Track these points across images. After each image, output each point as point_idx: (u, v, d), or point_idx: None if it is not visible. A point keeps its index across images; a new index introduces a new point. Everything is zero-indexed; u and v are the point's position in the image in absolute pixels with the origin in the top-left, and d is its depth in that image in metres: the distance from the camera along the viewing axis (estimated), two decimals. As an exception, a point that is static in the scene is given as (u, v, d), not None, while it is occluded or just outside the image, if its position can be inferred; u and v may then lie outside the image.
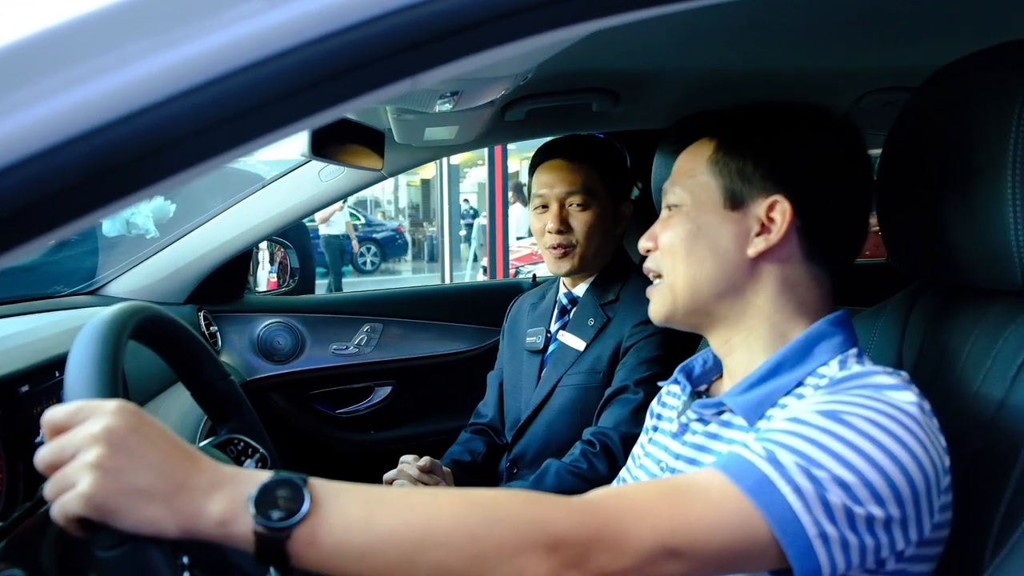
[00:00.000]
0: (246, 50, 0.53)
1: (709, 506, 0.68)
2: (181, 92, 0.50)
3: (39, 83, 0.50)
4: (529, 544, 0.63)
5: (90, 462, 0.60)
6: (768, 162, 0.88)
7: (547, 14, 0.59)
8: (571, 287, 1.70)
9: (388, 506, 0.64)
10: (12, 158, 0.48)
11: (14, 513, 0.96)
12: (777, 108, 0.93)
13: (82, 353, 0.71)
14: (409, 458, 1.48)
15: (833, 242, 0.90)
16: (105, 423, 0.61)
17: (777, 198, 0.87)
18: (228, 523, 0.61)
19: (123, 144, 0.49)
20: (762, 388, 0.85)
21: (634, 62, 1.62)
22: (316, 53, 0.54)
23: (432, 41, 0.56)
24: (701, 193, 0.91)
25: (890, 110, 2.01)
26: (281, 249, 2.46)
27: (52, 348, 1.12)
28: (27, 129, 0.49)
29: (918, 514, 0.71)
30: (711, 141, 0.92)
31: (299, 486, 0.62)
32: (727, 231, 0.89)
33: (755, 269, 0.88)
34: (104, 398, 0.67)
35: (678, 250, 0.90)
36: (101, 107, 0.49)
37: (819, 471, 0.68)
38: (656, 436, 1.03)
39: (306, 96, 0.54)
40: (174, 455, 0.63)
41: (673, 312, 0.93)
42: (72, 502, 0.60)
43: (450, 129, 1.66)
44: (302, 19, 0.54)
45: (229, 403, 1.01)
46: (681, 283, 0.90)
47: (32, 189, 0.48)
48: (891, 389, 0.75)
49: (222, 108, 0.50)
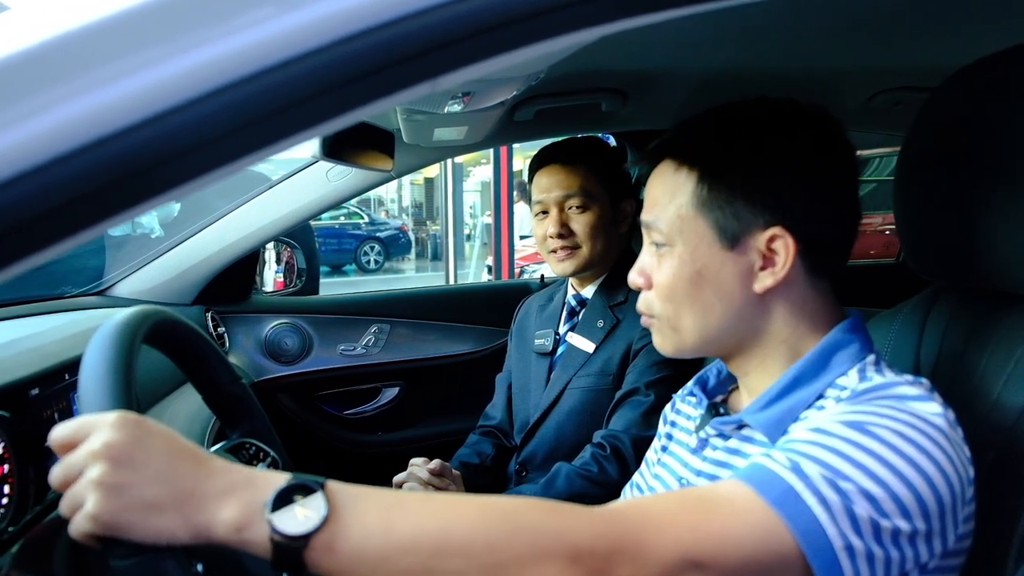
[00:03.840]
0: (264, 54, 0.52)
1: (733, 517, 0.67)
2: (201, 95, 0.49)
3: (54, 88, 0.49)
4: (549, 554, 0.62)
5: (93, 480, 0.59)
6: (759, 194, 0.82)
7: (574, 13, 0.58)
8: (579, 289, 1.70)
9: (407, 513, 0.63)
10: (32, 162, 0.47)
11: (25, 518, 0.95)
12: (751, 121, 0.85)
13: (95, 362, 0.70)
14: (419, 461, 1.48)
15: (834, 253, 0.86)
16: (104, 439, 0.61)
17: (776, 231, 0.81)
18: (243, 529, 0.60)
19: (145, 148, 0.48)
20: (782, 404, 0.83)
21: (644, 62, 1.61)
22: (339, 55, 0.53)
23: (455, 43, 0.56)
24: (692, 234, 0.84)
25: (901, 109, 2.00)
26: (288, 249, 2.46)
27: (63, 352, 1.12)
28: (44, 134, 0.48)
29: (943, 526, 0.70)
30: (691, 172, 0.84)
31: (316, 491, 0.61)
32: (729, 271, 0.83)
33: (763, 302, 0.84)
34: (118, 408, 0.66)
35: (680, 298, 0.85)
36: (122, 110, 0.48)
37: (845, 483, 0.67)
38: (672, 446, 1.02)
39: (328, 99, 0.53)
40: (180, 462, 0.62)
41: (681, 350, 0.89)
42: (82, 522, 0.60)
43: (459, 129, 1.65)
44: (322, 21, 0.53)
45: (240, 407, 1.01)
46: (688, 326, 0.86)
47: (53, 194, 0.47)
48: (915, 400, 0.74)
49: (241, 112, 0.50)
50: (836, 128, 0.85)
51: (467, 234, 13.02)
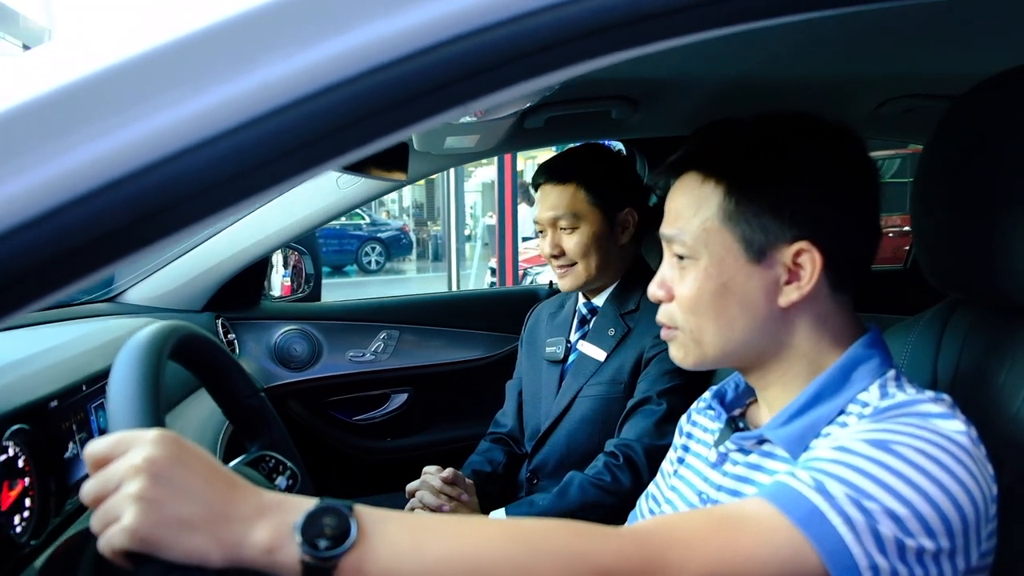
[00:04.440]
0: (296, 85, 0.53)
1: (759, 537, 0.67)
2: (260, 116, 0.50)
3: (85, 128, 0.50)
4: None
5: (133, 494, 0.59)
6: (788, 209, 0.82)
7: (596, 42, 0.59)
8: (590, 297, 1.70)
9: (435, 535, 0.64)
10: (73, 193, 0.48)
11: (46, 530, 0.96)
12: (777, 136, 0.85)
13: (124, 380, 0.70)
14: (432, 469, 1.48)
15: (857, 269, 0.87)
16: (146, 454, 0.61)
17: (803, 245, 0.82)
18: (274, 551, 0.61)
19: (196, 173, 0.49)
20: (803, 419, 0.83)
21: (654, 70, 1.61)
22: (380, 81, 0.54)
23: (491, 69, 0.56)
24: (718, 247, 0.84)
25: (910, 117, 2.00)
26: (295, 254, 2.45)
27: (82, 366, 1.12)
28: (85, 166, 0.48)
29: (967, 544, 0.70)
30: (717, 185, 0.84)
31: (345, 515, 0.62)
32: (754, 285, 0.84)
33: (787, 315, 0.85)
34: (147, 426, 0.67)
35: (704, 311, 0.85)
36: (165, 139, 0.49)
37: (870, 503, 0.68)
38: (689, 459, 1.02)
39: (366, 125, 0.54)
40: (216, 483, 0.62)
41: (701, 364, 0.89)
42: (117, 536, 0.59)
43: (471, 138, 1.66)
44: (360, 49, 0.54)
45: (260, 420, 1.01)
46: (711, 340, 0.86)
47: (93, 225, 0.48)
48: (939, 418, 0.74)
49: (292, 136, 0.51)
50: (859, 143, 0.86)
51: (467, 235, 13.03)
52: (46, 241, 0.47)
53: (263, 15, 0.54)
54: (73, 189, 0.49)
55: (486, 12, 0.56)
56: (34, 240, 0.48)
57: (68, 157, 0.49)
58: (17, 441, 0.92)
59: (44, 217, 0.47)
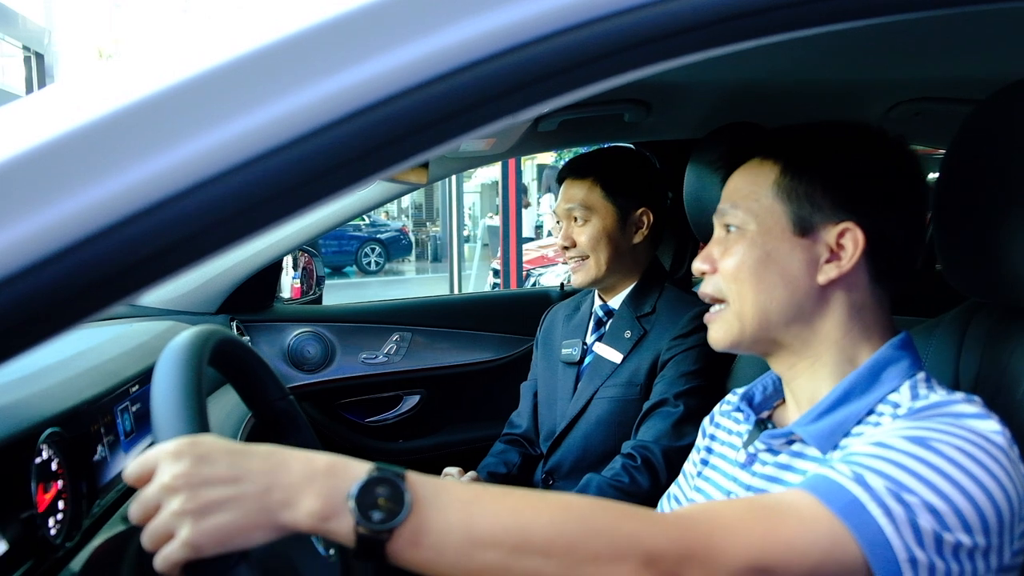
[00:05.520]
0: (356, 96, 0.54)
1: (800, 526, 0.68)
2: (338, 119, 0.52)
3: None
4: (624, 557, 0.64)
5: (176, 512, 0.61)
6: (838, 188, 0.87)
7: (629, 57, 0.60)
8: (607, 299, 1.71)
9: (487, 509, 0.64)
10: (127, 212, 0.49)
11: (79, 532, 0.96)
12: (835, 128, 0.92)
13: (168, 388, 0.71)
14: (453, 471, 1.49)
15: (900, 264, 0.90)
16: (172, 471, 0.62)
17: (848, 225, 0.86)
18: (328, 519, 0.62)
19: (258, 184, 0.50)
20: (833, 416, 0.85)
21: (667, 74, 1.60)
22: (420, 99, 0.55)
23: (534, 82, 0.57)
24: (768, 218, 0.89)
25: (920, 120, 2.01)
26: (305, 255, 2.46)
27: (110, 372, 1.13)
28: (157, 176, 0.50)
29: (1001, 542, 0.71)
30: (775, 164, 0.90)
31: (400, 485, 0.62)
32: (797, 258, 0.87)
33: (824, 296, 0.88)
34: (194, 433, 0.68)
35: (745, 278, 0.89)
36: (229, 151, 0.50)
37: (910, 496, 0.69)
38: (714, 460, 1.03)
39: (416, 137, 0.55)
40: (247, 460, 0.63)
41: (739, 341, 0.92)
42: (177, 552, 0.61)
43: (486, 141, 1.66)
44: (406, 67, 0.55)
45: (289, 422, 1.02)
46: (749, 311, 0.89)
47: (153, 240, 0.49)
48: (974, 418, 0.76)
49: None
50: (909, 150, 0.91)
51: (466, 236, 13.04)
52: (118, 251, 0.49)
53: (312, 36, 0.54)
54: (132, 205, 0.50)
55: (534, 27, 0.57)
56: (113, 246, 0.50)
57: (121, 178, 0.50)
58: (51, 444, 0.93)
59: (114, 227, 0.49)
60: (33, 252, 0.47)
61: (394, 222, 18.01)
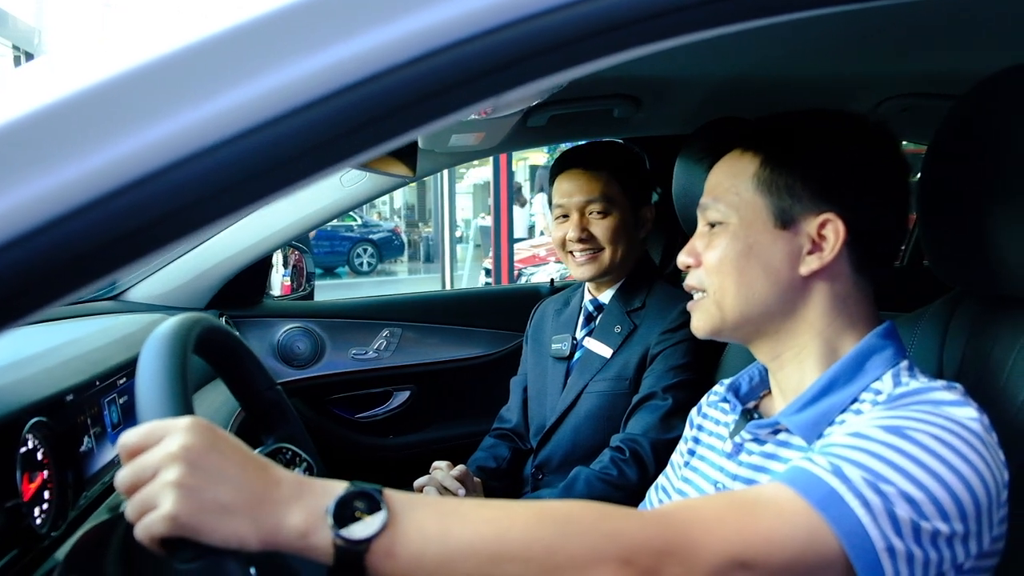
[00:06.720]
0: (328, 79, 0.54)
1: (779, 519, 0.69)
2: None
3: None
4: (602, 557, 0.64)
5: (171, 481, 0.60)
6: (818, 179, 0.87)
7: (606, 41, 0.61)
8: (596, 294, 1.71)
9: (463, 519, 0.65)
10: (122, 181, 0.49)
11: (65, 522, 0.96)
12: (815, 117, 0.91)
13: (152, 371, 0.71)
14: (442, 464, 1.48)
15: (881, 252, 0.90)
16: (182, 442, 0.61)
17: (829, 216, 0.86)
18: (308, 535, 0.62)
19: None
20: (817, 406, 0.85)
21: (656, 68, 1.63)
22: (396, 81, 0.55)
23: (503, 68, 0.58)
24: (748, 211, 0.89)
25: (908, 116, 2.02)
26: (295, 252, 2.45)
27: (96, 363, 1.13)
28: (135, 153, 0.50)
29: (979, 528, 0.72)
30: (755, 156, 0.90)
31: (376, 499, 0.63)
32: (778, 250, 0.88)
33: (807, 287, 0.88)
34: (176, 416, 0.67)
35: (728, 271, 0.89)
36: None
37: (887, 486, 0.69)
38: (701, 450, 1.04)
39: (381, 125, 0.56)
40: (250, 469, 0.63)
41: (720, 328, 0.92)
42: (157, 523, 0.60)
43: (476, 135, 1.66)
44: (384, 47, 0.55)
45: (277, 412, 1.02)
46: (731, 302, 0.90)
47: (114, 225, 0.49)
48: (952, 405, 0.76)
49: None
50: (890, 136, 0.91)
51: (459, 236, 13.03)
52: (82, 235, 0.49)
53: (276, 19, 0.54)
54: (101, 187, 0.50)
55: (499, 12, 0.57)
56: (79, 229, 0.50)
57: (90, 160, 0.50)
58: (36, 434, 0.92)
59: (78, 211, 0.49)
60: (17, 225, 0.48)
61: (386, 223, 17.99)
